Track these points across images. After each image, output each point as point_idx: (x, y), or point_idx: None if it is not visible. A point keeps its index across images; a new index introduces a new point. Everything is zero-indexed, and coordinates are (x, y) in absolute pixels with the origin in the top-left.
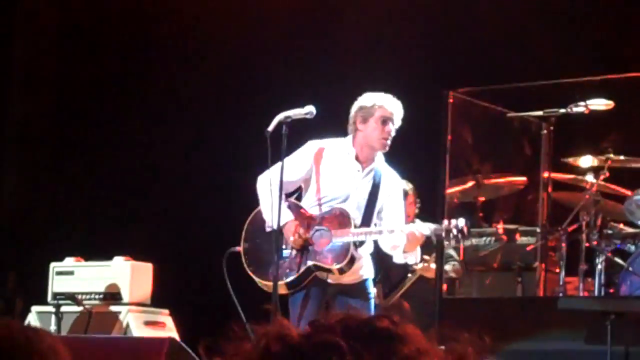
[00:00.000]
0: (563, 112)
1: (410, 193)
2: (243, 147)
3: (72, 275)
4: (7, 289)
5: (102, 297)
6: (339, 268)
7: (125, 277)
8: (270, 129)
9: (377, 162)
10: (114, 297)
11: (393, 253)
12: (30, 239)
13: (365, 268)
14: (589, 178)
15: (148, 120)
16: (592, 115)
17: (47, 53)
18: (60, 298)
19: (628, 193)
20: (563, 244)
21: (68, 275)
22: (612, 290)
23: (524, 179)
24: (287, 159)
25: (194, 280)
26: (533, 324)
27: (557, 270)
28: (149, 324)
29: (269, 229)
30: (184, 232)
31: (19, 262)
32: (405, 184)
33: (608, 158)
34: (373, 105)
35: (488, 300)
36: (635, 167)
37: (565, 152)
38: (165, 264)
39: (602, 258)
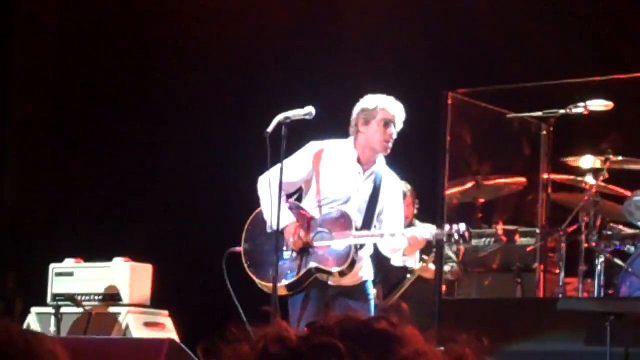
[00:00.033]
0: (562, 112)
1: (408, 194)
2: (243, 147)
3: (71, 276)
4: (6, 290)
5: (101, 298)
6: (340, 271)
7: (125, 278)
8: (270, 130)
9: (378, 164)
10: (114, 298)
11: (392, 256)
12: (30, 240)
13: (365, 270)
14: (589, 179)
15: (148, 120)
16: (591, 116)
17: (47, 53)
18: (60, 299)
19: (627, 194)
20: (562, 245)
21: (67, 276)
22: (611, 291)
23: (524, 180)
24: (287, 160)
25: (194, 281)
26: (532, 325)
27: (556, 271)
28: (149, 325)
29: (271, 230)
30: (184, 232)
31: (19, 262)
32: (404, 185)
33: (607, 159)
34: (375, 108)
35: (487, 301)
36: (635, 168)
37: (565, 152)
38: (165, 265)
39: (601, 259)
